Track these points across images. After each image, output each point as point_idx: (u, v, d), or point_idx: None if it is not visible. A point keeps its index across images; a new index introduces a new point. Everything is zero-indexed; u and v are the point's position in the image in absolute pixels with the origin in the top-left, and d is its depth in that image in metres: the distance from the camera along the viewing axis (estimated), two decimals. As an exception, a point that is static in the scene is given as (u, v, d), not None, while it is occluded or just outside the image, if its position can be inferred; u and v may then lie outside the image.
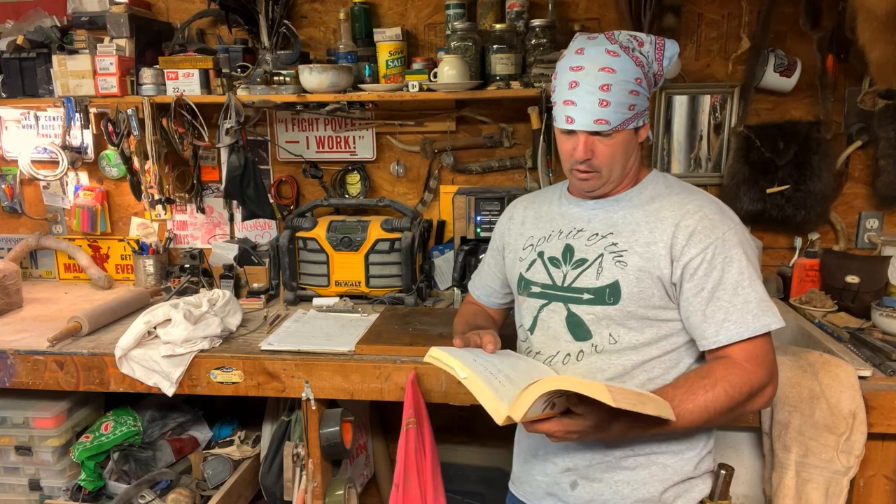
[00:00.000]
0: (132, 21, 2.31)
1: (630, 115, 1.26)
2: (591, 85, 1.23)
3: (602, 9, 2.32)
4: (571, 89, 1.25)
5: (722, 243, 1.25)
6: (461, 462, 2.57)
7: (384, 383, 1.80)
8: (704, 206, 1.30)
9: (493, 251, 1.59)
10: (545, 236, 1.42)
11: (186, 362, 1.85)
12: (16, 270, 2.35)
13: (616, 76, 1.23)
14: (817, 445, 1.59)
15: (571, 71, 1.26)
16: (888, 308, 1.93)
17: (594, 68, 1.24)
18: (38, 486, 2.08)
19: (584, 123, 1.25)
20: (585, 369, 1.32)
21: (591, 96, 1.23)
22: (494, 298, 1.62)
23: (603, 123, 1.24)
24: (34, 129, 2.64)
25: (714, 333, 1.25)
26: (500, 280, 1.57)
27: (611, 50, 1.25)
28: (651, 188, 1.37)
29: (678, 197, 1.33)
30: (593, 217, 1.37)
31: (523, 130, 2.42)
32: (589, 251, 1.33)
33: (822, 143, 2.20)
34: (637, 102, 1.26)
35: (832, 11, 2.12)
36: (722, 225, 1.27)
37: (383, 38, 2.28)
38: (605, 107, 1.23)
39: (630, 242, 1.30)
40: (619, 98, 1.23)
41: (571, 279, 1.34)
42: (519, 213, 1.52)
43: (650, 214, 1.31)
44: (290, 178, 2.60)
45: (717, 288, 1.25)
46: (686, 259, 1.26)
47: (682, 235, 1.26)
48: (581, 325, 1.32)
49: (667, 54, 1.30)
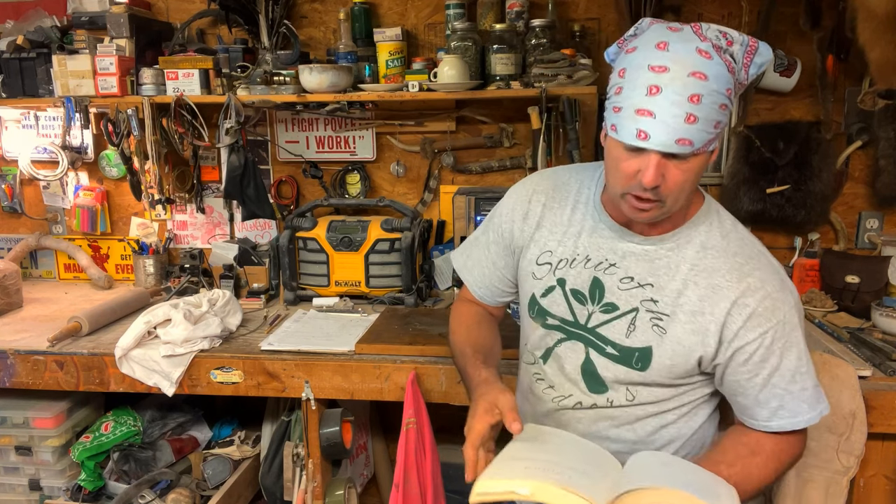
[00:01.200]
0: (132, 21, 2.31)
1: (714, 135, 1.03)
2: (677, 94, 0.99)
3: (602, 9, 2.32)
4: (651, 96, 1.00)
5: (782, 327, 1.11)
6: (461, 462, 2.55)
7: (384, 383, 1.80)
8: (766, 282, 1.12)
9: (497, 245, 1.36)
10: (567, 259, 1.22)
11: (186, 362, 1.85)
12: (16, 270, 2.35)
13: (708, 85, 0.99)
14: (817, 445, 1.59)
15: (652, 71, 1.00)
16: (888, 308, 1.93)
17: (683, 72, 0.99)
18: (38, 486, 2.08)
19: (662, 142, 1.00)
20: (596, 416, 1.24)
21: (676, 108, 0.99)
22: (499, 298, 1.43)
23: (686, 144, 1.00)
24: (34, 129, 2.64)
25: (766, 418, 1.16)
26: (506, 278, 1.38)
27: (703, 49, 1.01)
28: (703, 232, 1.17)
29: (735, 261, 1.13)
30: (629, 252, 1.18)
31: (523, 130, 2.42)
32: (622, 298, 1.17)
33: (822, 143, 2.20)
34: (724, 119, 1.03)
35: (832, 11, 2.12)
36: (784, 305, 1.12)
37: (383, 38, 2.28)
38: (691, 123, 0.99)
39: (673, 307, 1.14)
40: (707, 113, 1.00)
41: (597, 322, 1.19)
42: (535, 212, 1.29)
43: (700, 276, 1.13)
44: (290, 178, 2.60)
45: (773, 375, 1.13)
46: (740, 343, 1.12)
47: (740, 317, 1.11)
48: (597, 377, 1.21)
49: (757, 60, 1.06)
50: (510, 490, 0.99)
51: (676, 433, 1.25)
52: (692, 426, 1.26)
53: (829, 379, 1.60)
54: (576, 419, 1.27)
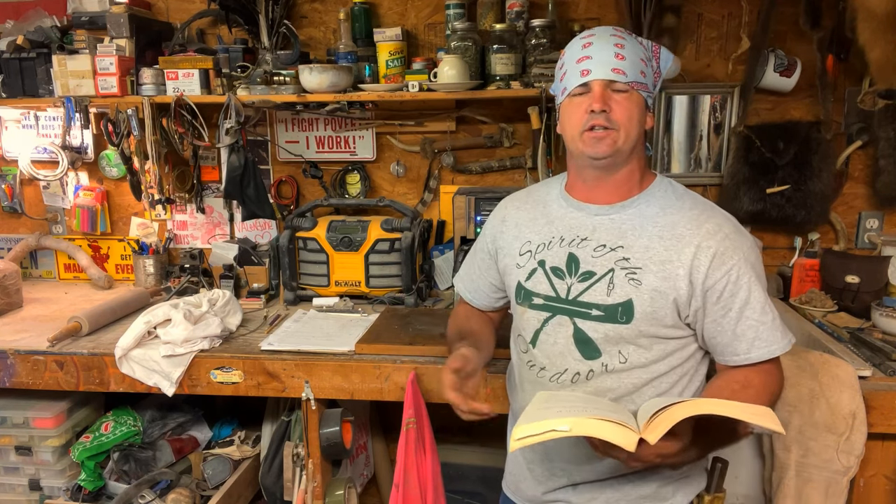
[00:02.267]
0: (132, 21, 2.31)
1: (643, 81, 1.25)
2: (606, 43, 1.25)
3: (602, 9, 2.32)
4: (585, 48, 1.25)
5: (745, 263, 1.24)
6: (461, 462, 2.57)
7: (384, 383, 1.80)
8: (723, 226, 1.27)
9: (483, 254, 1.51)
10: (545, 242, 1.36)
11: (186, 362, 1.85)
12: (16, 270, 2.35)
13: (626, 43, 1.26)
14: (817, 445, 1.59)
15: (583, 47, 1.27)
16: (888, 308, 1.93)
17: (606, 35, 1.26)
18: (38, 486, 2.08)
19: (602, 72, 1.23)
20: (595, 388, 1.29)
21: (607, 49, 1.24)
22: (488, 302, 1.56)
23: (620, 73, 1.23)
24: (34, 129, 2.64)
25: (746, 350, 1.26)
26: (492, 284, 1.51)
27: (617, 33, 1.28)
28: (660, 197, 1.32)
29: (692, 213, 1.28)
30: (598, 225, 1.31)
31: (523, 130, 2.42)
32: (597, 264, 1.28)
33: (822, 143, 2.20)
34: (646, 79, 1.26)
35: (832, 11, 2.12)
36: (742, 245, 1.26)
37: (383, 38, 2.28)
38: (620, 60, 1.23)
39: (644, 260, 1.26)
40: (631, 56, 1.24)
41: (577, 292, 1.29)
42: (512, 215, 1.45)
43: (664, 230, 1.27)
44: (290, 178, 2.60)
45: (744, 308, 1.24)
46: (711, 282, 1.23)
47: (705, 258, 1.23)
48: (589, 342, 1.28)
49: (663, 56, 1.33)
50: (550, 429, 1.05)
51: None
52: (680, 389, 1.32)
53: (829, 379, 1.60)
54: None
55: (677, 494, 1.34)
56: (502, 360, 1.74)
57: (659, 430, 1.03)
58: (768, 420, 1.04)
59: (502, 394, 1.72)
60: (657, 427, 1.04)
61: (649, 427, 1.06)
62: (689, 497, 1.36)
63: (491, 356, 1.50)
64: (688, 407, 1.05)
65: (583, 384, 1.30)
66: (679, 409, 1.05)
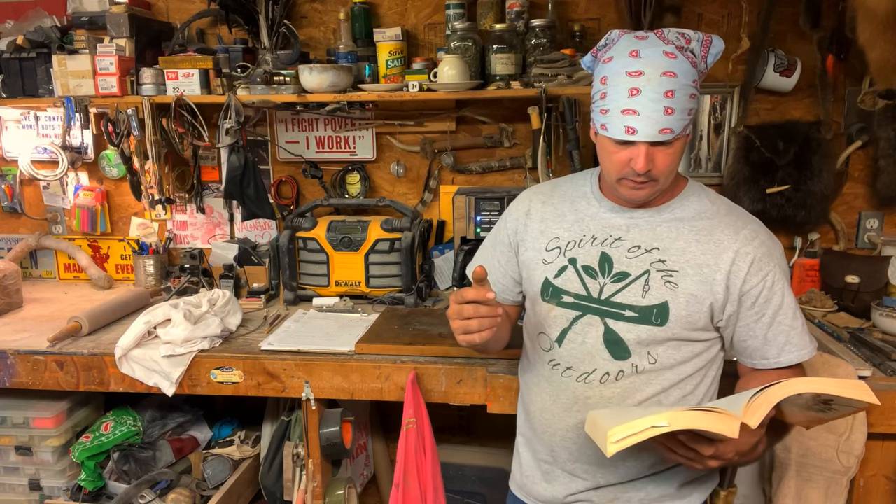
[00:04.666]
0: (132, 21, 2.31)
1: (689, 120, 1.21)
2: (654, 92, 1.16)
3: (602, 9, 2.32)
4: (632, 97, 1.16)
5: (779, 269, 1.26)
6: (461, 462, 2.56)
7: (384, 383, 1.80)
8: (759, 232, 1.28)
9: (502, 246, 1.46)
10: (575, 240, 1.33)
11: (186, 362, 1.85)
12: (16, 270, 2.35)
13: (678, 80, 1.16)
14: (817, 445, 1.59)
15: (630, 77, 1.17)
16: (888, 308, 1.93)
17: (656, 73, 1.16)
18: (38, 486, 2.08)
19: (648, 134, 1.17)
20: (623, 389, 1.28)
21: (655, 104, 1.16)
22: (507, 296, 1.49)
23: (667, 133, 1.17)
24: (34, 129, 2.64)
25: (776, 355, 1.28)
26: (512, 278, 1.46)
27: (668, 52, 1.17)
28: (695, 202, 1.31)
29: (729, 219, 1.29)
30: (632, 226, 1.30)
31: (523, 130, 2.42)
32: (631, 265, 1.27)
33: (822, 143, 2.20)
34: (695, 106, 1.21)
35: (832, 11, 2.12)
36: (776, 251, 1.28)
37: (383, 38, 2.28)
38: (669, 115, 1.16)
39: (680, 263, 1.25)
40: (681, 104, 1.17)
41: (610, 293, 1.28)
42: (537, 208, 1.41)
43: (701, 234, 1.27)
44: (290, 178, 2.60)
45: (777, 313, 1.26)
46: (747, 288, 1.24)
47: (744, 263, 1.24)
48: (619, 343, 1.27)
49: (712, 52, 1.24)
50: (648, 426, 1.02)
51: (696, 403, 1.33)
52: (703, 390, 1.33)
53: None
54: (605, 399, 1.29)
55: (695, 493, 1.36)
56: (502, 361, 1.75)
57: (760, 413, 1.02)
58: (863, 392, 1.05)
59: (503, 394, 1.72)
60: (756, 410, 1.03)
61: (748, 412, 1.04)
62: (704, 495, 1.38)
63: (506, 342, 1.47)
64: (784, 388, 1.05)
65: (611, 385, 1.29)
66: (775, 391, 1.04)
